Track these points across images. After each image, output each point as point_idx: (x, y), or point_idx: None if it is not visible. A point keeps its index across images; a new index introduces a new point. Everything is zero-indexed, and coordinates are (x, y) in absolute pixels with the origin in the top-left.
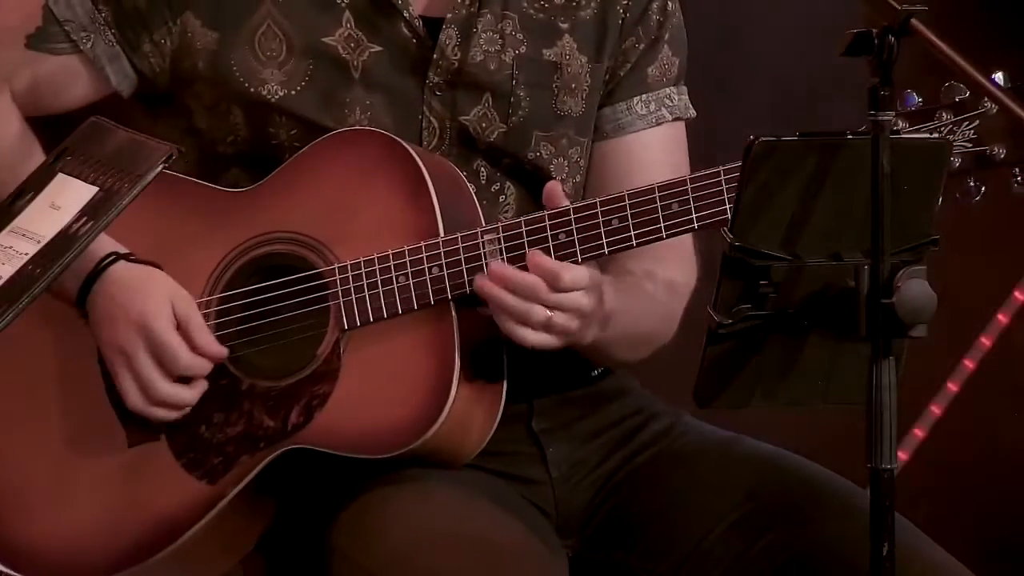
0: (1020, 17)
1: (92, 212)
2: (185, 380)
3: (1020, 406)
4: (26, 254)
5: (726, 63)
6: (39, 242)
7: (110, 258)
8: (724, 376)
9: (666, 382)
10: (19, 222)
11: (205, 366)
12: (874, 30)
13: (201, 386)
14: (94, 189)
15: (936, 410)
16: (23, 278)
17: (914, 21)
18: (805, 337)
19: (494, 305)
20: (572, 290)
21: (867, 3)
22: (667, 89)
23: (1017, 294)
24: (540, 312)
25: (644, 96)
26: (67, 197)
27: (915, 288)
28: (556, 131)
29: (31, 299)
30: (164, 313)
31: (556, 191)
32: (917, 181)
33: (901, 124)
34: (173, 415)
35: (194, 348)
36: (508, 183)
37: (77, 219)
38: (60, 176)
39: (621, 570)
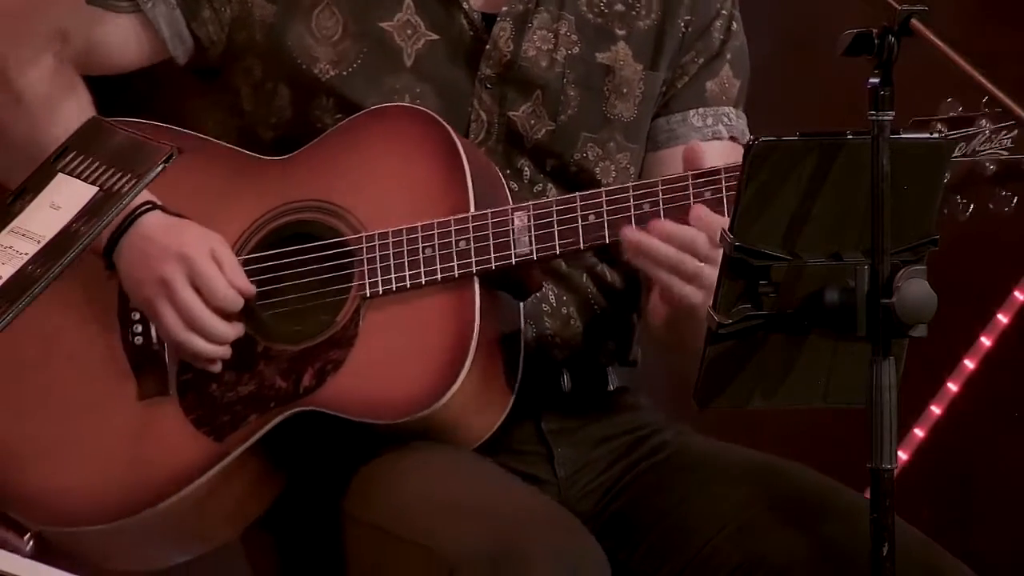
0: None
1: (92, 212)
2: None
3: (1020, 406)
4: (26, 254)
5: None
6: (39, 242)
7: (146, 207)
8: (724, 376)
9: (670, 400)
10: (19, 222)
11: (238, 300)
12: (874, 30)
13: (239, 327)
14: (94, 189)
15: (936, 410)
16: (23, 278)
17: (914, 21)
18: (805, 337)
19: (650, 254)
20: None
21: (867, 3)
22: (725, 108)
23: (1017, 294)
24: (691, 263)
25: (701, 110)
26: (67, 197)
27: (915, 288)
28: (604, 134)
29: (31, 299)
30: (203, 246)
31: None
32: (917, 181)
33: (943, 129)
34: (210, 349)
35: (229, 282)
36: (550, 184)
37: (77, 219)
38: (60, 176)
39: (623, 571)
